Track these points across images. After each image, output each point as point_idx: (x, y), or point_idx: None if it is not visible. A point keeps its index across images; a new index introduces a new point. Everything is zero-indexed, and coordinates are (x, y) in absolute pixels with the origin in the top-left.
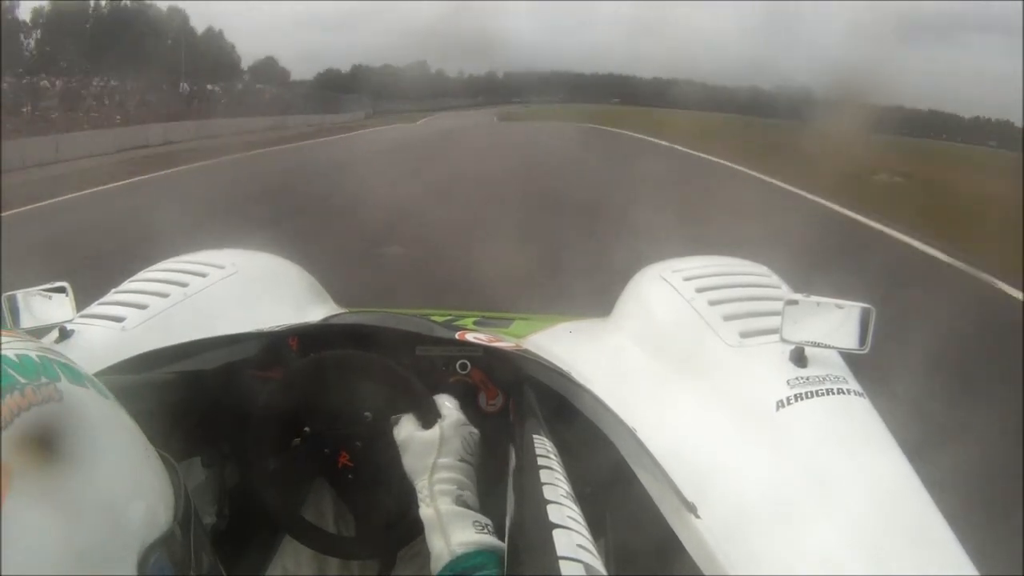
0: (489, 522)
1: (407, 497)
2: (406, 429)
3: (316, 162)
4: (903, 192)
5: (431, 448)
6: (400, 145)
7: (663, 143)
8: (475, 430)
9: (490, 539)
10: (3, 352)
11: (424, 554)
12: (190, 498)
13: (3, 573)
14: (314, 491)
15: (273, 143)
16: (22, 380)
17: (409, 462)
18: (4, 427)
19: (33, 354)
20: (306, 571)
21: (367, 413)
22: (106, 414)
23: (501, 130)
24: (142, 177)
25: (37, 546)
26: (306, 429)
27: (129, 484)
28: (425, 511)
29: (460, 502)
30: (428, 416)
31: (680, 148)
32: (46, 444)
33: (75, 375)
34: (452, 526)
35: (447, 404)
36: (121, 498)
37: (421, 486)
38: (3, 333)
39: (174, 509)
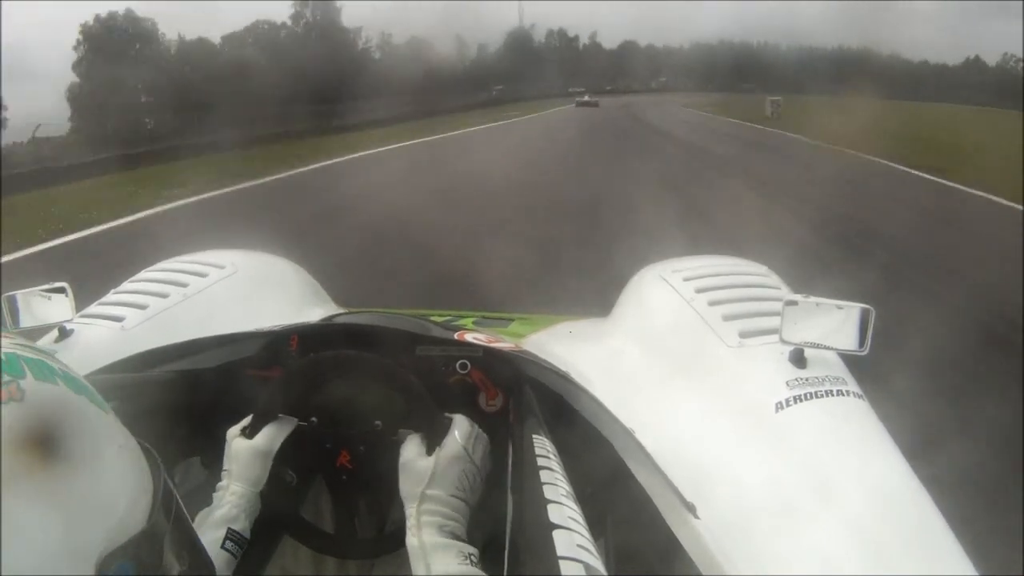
0: (475, 551)
1: (397, 513)
2: (409, 452)
3: None
4: None
5: (423, 478)
6: None
7: None
8: (477, 465)
9: (472, 570)
10: None
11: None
12: (172, 493)
13: None
14: (313, 490)
15: None
16: None
17: (403, 486)
18: None
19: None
20: (304, 571)
21: (378, 422)
22: (75, 412)
23: None
24: None
25: None
26: (313, 419)
27: (94, 488)
28: (410, 540)
29: (446, 532)
30: (432, 441)
31: None
32: None
33: (43, 371)
34: (434, 556)
35: (456, 432)
36: (80, 503)
37: (409, 512)
38: None
39: (149, 509)
